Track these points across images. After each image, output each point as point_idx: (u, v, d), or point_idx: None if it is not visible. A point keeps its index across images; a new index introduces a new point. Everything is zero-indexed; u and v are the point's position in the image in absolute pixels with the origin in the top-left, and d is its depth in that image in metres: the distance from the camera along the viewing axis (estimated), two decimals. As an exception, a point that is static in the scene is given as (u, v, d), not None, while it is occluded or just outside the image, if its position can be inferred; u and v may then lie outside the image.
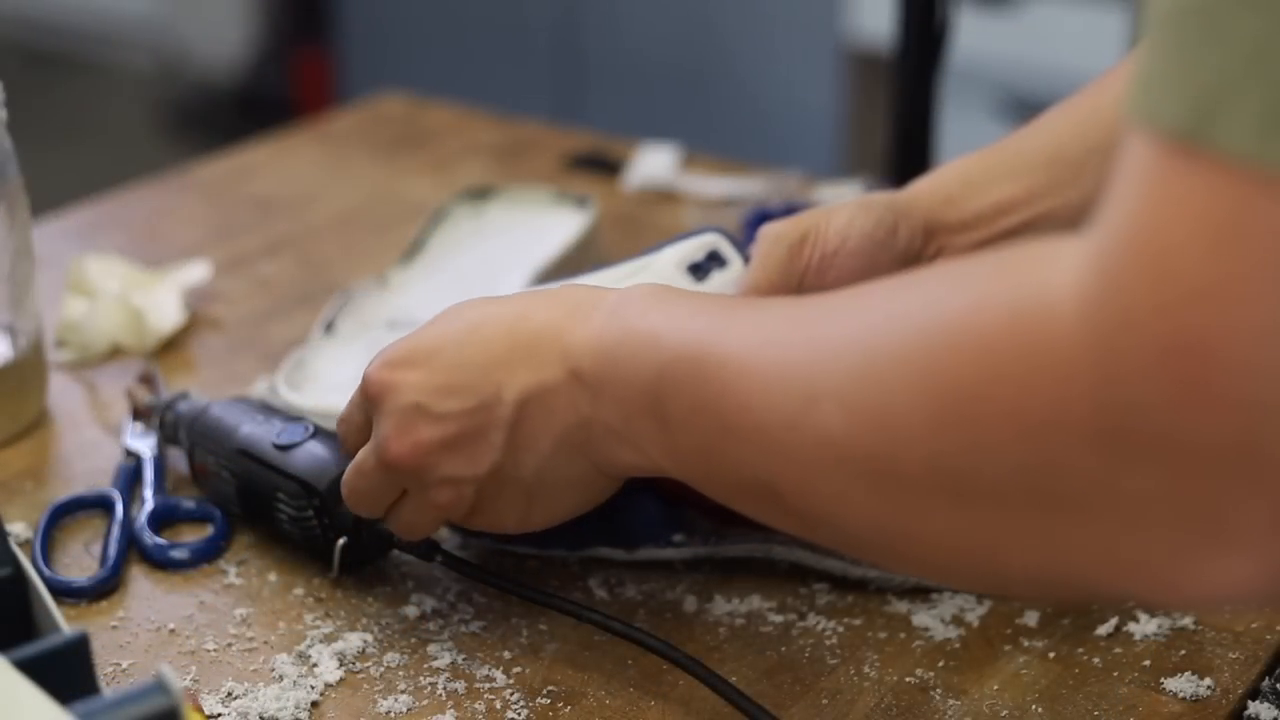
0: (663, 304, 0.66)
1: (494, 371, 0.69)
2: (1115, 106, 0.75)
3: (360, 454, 0.73)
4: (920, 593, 0.78)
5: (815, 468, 0.58)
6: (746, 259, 0.80)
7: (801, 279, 0.78)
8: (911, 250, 0.78)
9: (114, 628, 0.77)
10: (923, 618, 0.77)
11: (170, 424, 0.86)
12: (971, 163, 0.80)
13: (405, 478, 0.72)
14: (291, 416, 0.82)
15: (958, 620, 0.77)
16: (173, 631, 0.76)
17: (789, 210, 1.12)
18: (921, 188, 0.80)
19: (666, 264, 0.81)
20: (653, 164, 1.24)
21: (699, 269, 0.81)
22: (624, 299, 0.68)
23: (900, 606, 0.78)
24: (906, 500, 0.55)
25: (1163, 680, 0.73)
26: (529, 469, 0.69)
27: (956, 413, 0.52)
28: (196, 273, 1.05)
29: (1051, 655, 0.75)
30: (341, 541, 0.78)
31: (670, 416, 0.64)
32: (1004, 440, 0.51)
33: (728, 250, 0.81)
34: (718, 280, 0.81)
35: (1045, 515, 0.51)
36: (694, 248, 0.81)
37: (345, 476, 0.75)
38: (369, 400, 0.72)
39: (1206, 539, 0.48)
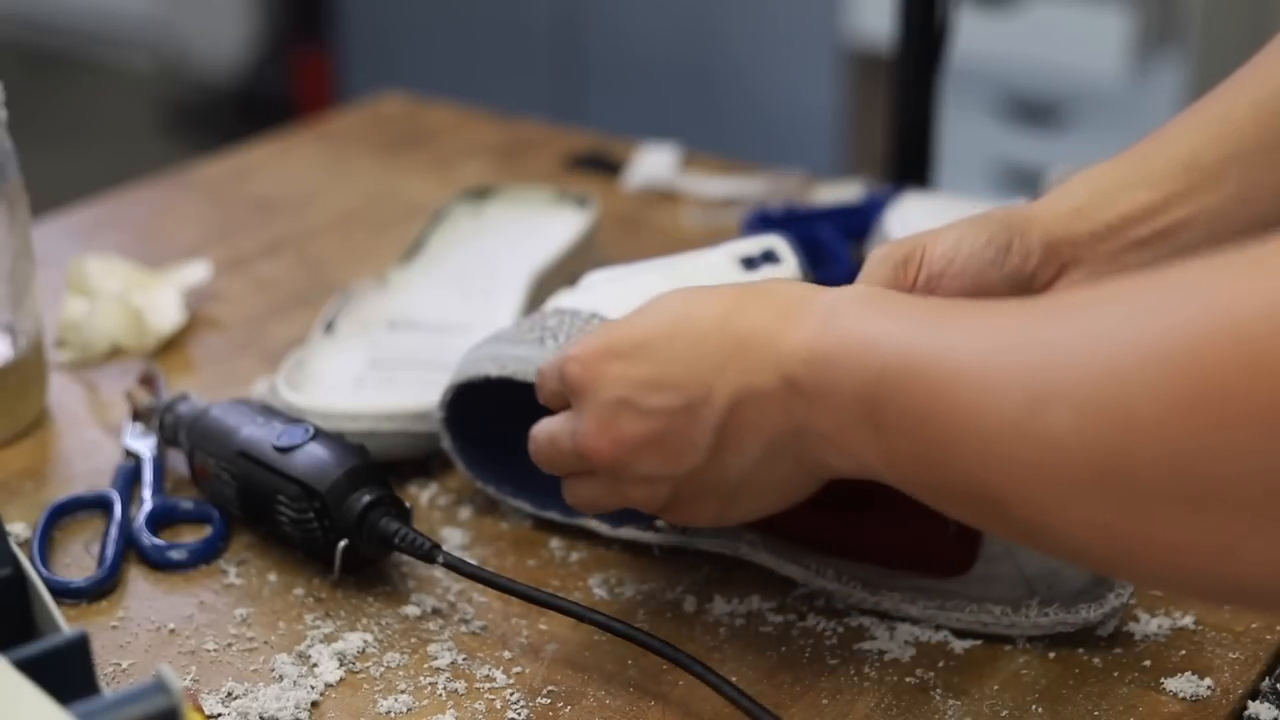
0: (879, 308, 0.64)
1: (703, 370, 0.67)
2: (1249, 110, 0.76)
3: (555, 425, 0.72)
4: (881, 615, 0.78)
5: (1040, 473, 0.55)
6: (801, 267, 0.82)
7: None
8: (1026, 268, 0.77)
9: (114, 628, 0.77)
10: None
11: (170, 426, 0.86)
12: (1099, 173, 0.78)
13: (600, 469, 0.70)
14: (292, 418, 0.82)
15: (958, 620, 0.77)
16: (173, 631, 0.76)
17: (789, 211, 1.12)
18: (1043, 203, 0.79)
19: (721, 256, 0.83)
20: (653, 164, 1.24)
21: (751, 262, 0.82)
22: (837, 302, 0.65)
23: (900, 606, 0.78)
24: (1138, 504, 0.53)
25: (1163, 680, 0.73)
26: (732, 471, 0.68)
27: (1205, 411, 0.50)
28: (196, 273, 1.05)
29: (1051, 655, 0.75)
30: (343, 544, 0.78)
31: (886, 423, 0.61)
32: (1256, 440, 0.49)
33: (784, 250, 0.83)
34: (767, 273, 0.82)
35: None
36: (751, 244, 0.83)
37: (536, 435, 0.73)
38: (569, 388, 0.70)
39: None
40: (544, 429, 0.73)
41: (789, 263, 0.82)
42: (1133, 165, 0.78)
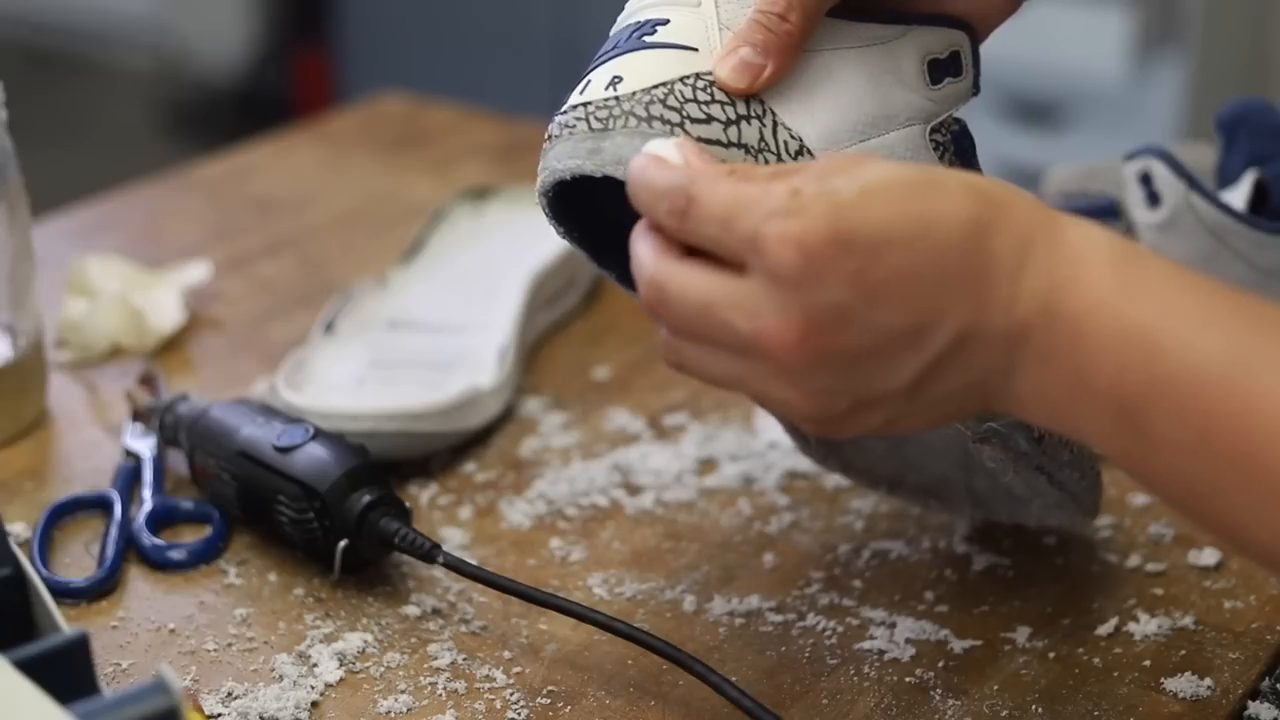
0: (1155, 292, 0.56)
1: (942, 292, 0.57)
2: None
3: (715, 290, 0.59)
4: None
5: None
6: (975, 83, 0.72)
7: None
8: None
9: (114, 628, 0.77)
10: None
11: (170, 426, 0.86)
12: None
13: (771, 365, 0.58)
14: (292, 418, 0.82)
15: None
16: (173, 631, 0.76)
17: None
18: None
19: (907, 47, 0.70)
20: (653, 164, 1.24)
21: (937, 68, 0.71)
22: (1088, 253, 0.57)
23: (900, 606, 0.78)
24: None
25: (1163, 680, 0.73)
26: (919, 399, 0.59)
27: None
28: (196, 273, 1.05)
29: (1051, 655, 0.75)
30: (343, 544, 0.78)
31: (1152, 432, 0.55)
32: None
33: (965, 60, 0.72)
34: (948, 89, 0.71)
35: None
36: (939, 41, 0.71)
37: (667, 286, 0.59)
38: (770, 267, 0.57)
39: None
40: (691, 286, 0.59)
41: (966, 80, 0.72)
42: None
